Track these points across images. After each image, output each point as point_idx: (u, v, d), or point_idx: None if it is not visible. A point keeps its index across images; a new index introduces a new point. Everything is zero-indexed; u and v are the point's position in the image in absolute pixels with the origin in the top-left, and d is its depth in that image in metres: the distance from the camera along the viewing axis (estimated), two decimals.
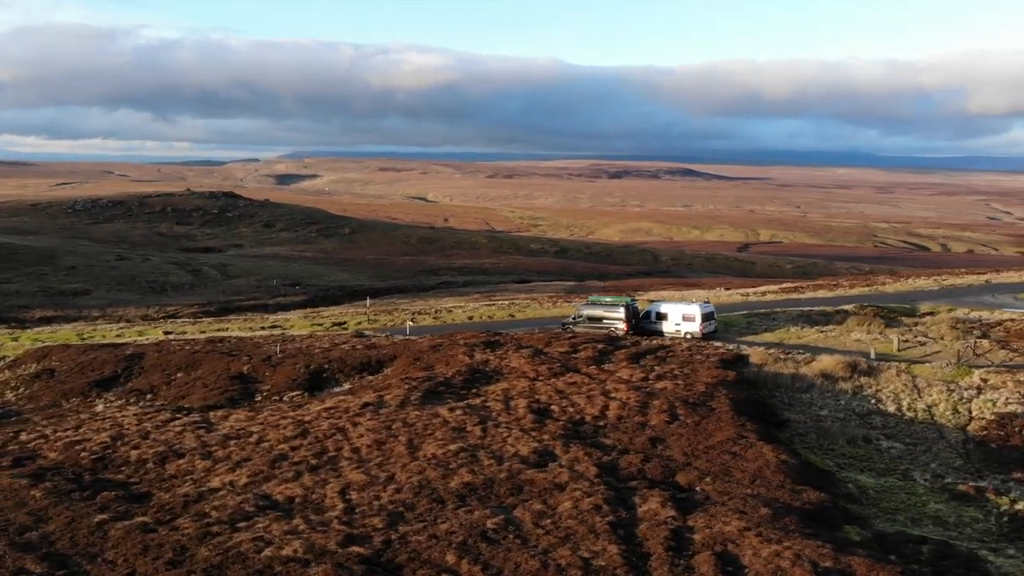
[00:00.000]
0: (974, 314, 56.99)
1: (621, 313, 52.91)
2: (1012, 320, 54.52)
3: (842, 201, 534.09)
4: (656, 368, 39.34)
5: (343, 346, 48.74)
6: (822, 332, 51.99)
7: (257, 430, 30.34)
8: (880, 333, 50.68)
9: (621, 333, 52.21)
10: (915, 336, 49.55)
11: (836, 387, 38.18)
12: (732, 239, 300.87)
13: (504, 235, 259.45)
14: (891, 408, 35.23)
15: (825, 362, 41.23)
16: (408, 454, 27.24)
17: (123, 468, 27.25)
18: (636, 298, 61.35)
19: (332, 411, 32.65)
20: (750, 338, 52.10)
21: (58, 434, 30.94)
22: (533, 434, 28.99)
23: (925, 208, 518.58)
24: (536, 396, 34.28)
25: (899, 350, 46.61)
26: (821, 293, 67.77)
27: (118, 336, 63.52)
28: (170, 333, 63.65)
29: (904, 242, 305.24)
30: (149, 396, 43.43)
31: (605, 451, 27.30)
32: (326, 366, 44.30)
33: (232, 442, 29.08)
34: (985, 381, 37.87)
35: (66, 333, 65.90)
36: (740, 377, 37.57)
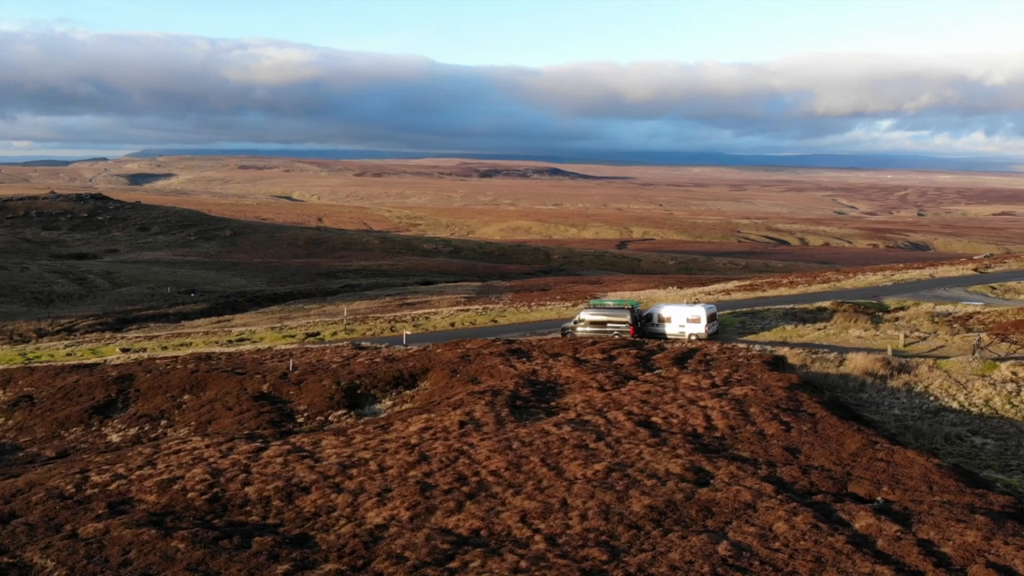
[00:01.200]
0: (940, 308, 60.11)
1: (627, 317, 52.77)
2: (979, 312, 57.86)
3: (701, 199, 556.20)
4: (713, 373, 39.26)
5: (360, 360, 46.36)
6: (820, 330, 53.51)
7: (368, 456, 28.19)
8: (876, 329, 52.69)
9: (627, 337, 52.08)
10: (912, 332, 51.74)
11: (887, 385, 39.20)
12: (608, 236, 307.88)
13: (396, 235, 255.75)
14: (954, 404, 36.46)
15: (860, 361, 42.34)
16: (556, 476, 25.94)
17: (248, 508, 24.69)
18: (640, 302, 61.39)
19: (430, 431, 30.74)
20: (751, 337, 53.01)
21: (137, 472, 27.74)
22: (664, 449, 28.23)
23: (778, 204, 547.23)
24: (625, 407, 33.48)
25: (905, 346, 48.55)
26: (782, 291, 69.85)
27: (68, 355, 58.30)
28: (128, 350, 58.91)
29: (765, 237, 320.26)
30: (164, 423, 39.97)
31: (754, 465, 26.85)
32: (357, 382, 41.99)
33: (353, 471, 26.88)
34: (1015, 374, 39.82)
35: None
36: (802, 380, 37.97)
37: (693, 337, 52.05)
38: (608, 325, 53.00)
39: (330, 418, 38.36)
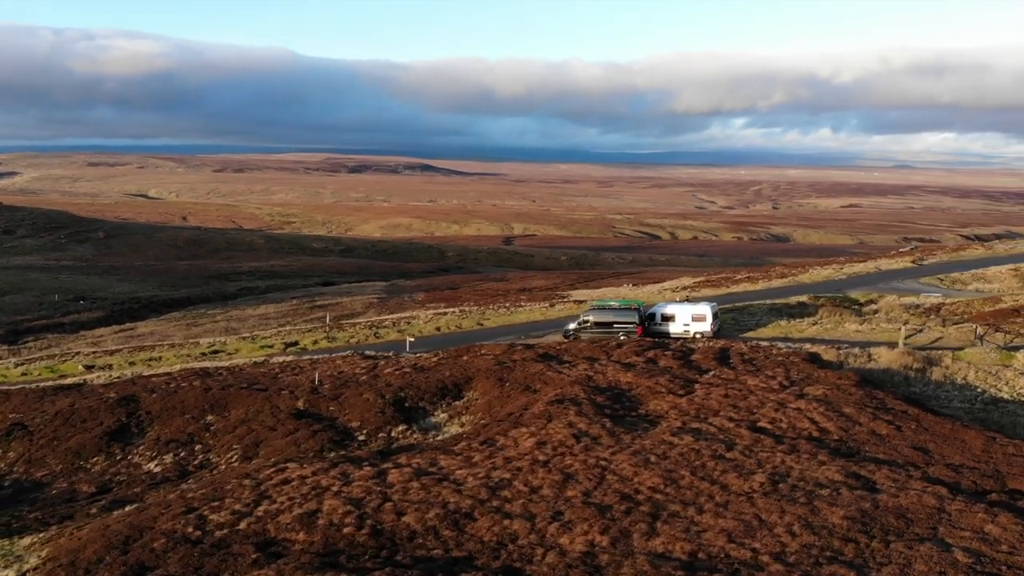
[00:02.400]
0: (906, 299, 62.88)
1: (634, 317, 52.53)
2: (944, 303, 60.97)
3: (572, 195, 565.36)
4: (768, 372, 39.48)
5: (386, 370, 44.14)
6: (815, 325, 54.91)
7: (508, 476, 26.62)
8: (870, 323, 54.57)
9: (635, 337, 51.87)
10: (899, 324, 53.82)
11: (928, 378, 40.53)
12: (490, 233, 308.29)
13: (283, 235, 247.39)
14: (1003, 394, 38.06)
15: (888, 356, 43.61)
16: (722, 490, 25.24)
17: (420, 540, 22.79)
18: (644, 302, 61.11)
19: (548, 446, 29.37)
20: (751, 334, 53.83)
21: (261, 508, 25.16)
22: (803, 456, 28.05)
23: (644, 200, 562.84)
24: (721, 413, 33.15)
25: (906, 339, 50.46)
26: (746, 286, 71.45)
27: (24, 375, 52.97)
28: (91, 367, 54.09)
29: (639, 231, 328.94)
30: (198, 447, 36.89)
31: (901, 467, 27.02)
32: (401, 394, 39.94)
33: (504, 493, 25.28)
34: None
35: None
36: (860, 377, 38.75)
37: (698, 335, 52.30)
38: (614, 326, 52.58)
39: (392, 434, 36.29)
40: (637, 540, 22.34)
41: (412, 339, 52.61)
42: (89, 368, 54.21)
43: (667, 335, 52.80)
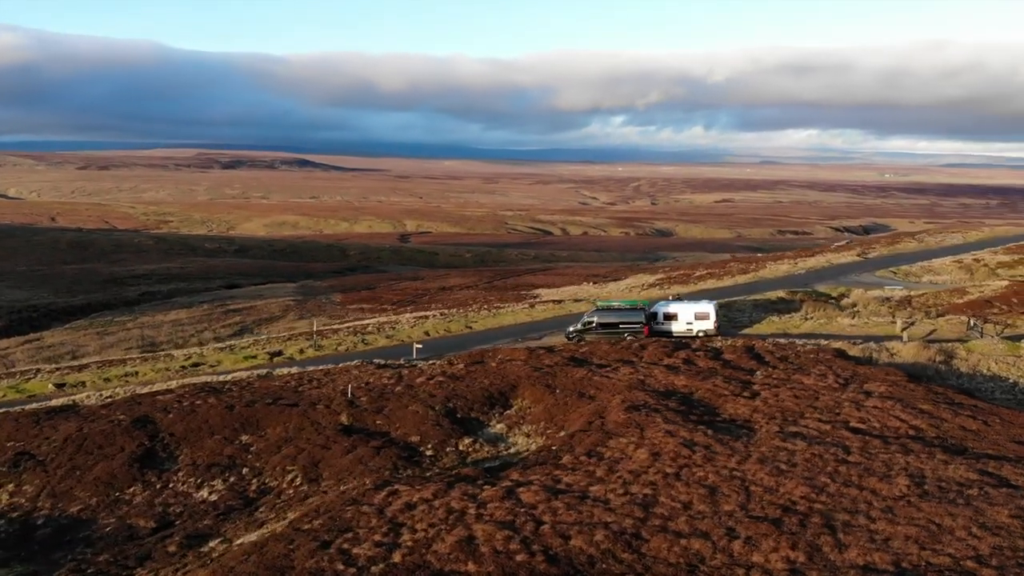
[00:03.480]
0: (873, 293, 65.33)
1: (641, 317, 52.36)
2: (911, 296, 63.60)
3: (458, 191, 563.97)
4: (814, 370, 39.89)
5: (418, 379, 42.22)
6: (807, 320, 56.12)
7: (649, 492, 25.63)
8: (864, 317, 56.20)
9: (642, 337, 51.73)
10: (896, 317, 55.73)
11: (958, 370, 42.00)
12: (382, 230, 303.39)
13: (172, 236, 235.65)
14: None
15: (910, 350, 44.97)
16: (873, 496, 24.99)
17: (601, 563, 21.53)
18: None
19: (665, 457, 28.55)
20: (748, 331, 54.52)
21: (407, 538, 23.29)
22: (922, 456, 28.21)
23: (529, 196, 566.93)
24: (808, 415, 33.16)
25: (902, 331, 52.22)
26: (712, 283, 72.48)
27: None
28: (62, 385, 49.61)
29: (531, 228, 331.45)
30: (246, 471, 34.37)
31: (1021, 463, 27.65)
32: (450, 405, 38.29)
33: (657, 510, 24.30)
34: None
35: None
36: (905, 373, 39.63)
37: (701, 334, 52.59)
38: (620, 326, 52.25)
39: (460, 448, 34.67)
40: (831, 554, 21.83)
41: (419, 345, 50.68)
42: (60, 387, 49.65)
43: (669, 334, 52.83)
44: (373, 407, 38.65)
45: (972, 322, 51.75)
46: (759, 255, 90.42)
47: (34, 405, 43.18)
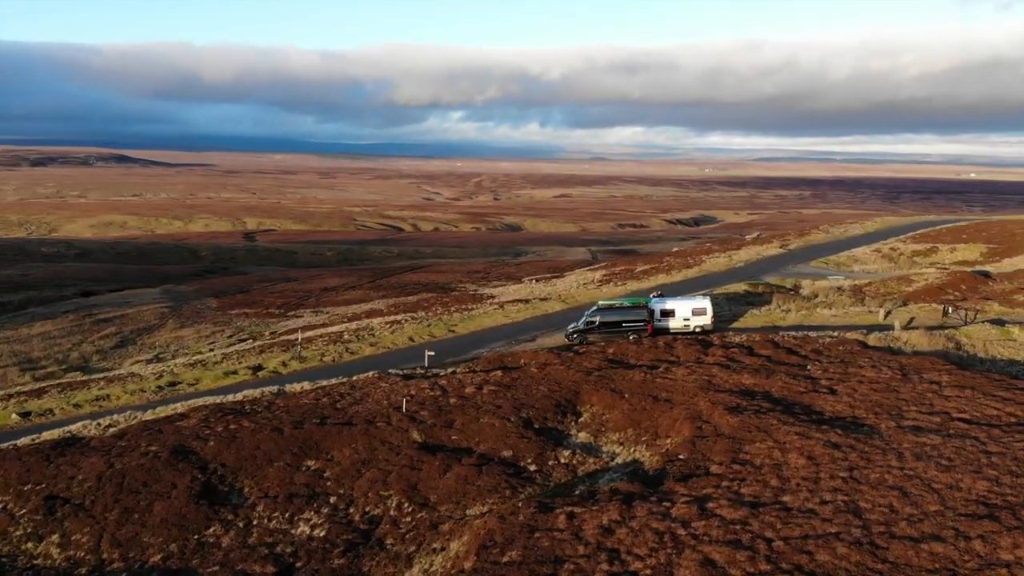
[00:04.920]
0: (820, 283, 68.07)
1: (644, 315, 52.02)
2: (858, 284, 66.80)
3: (294, 187, 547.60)
4: (861, 362, 40.80)
5: (467, 390, 39.90)
6: (788, 312, 57.51)
7: (847, 499, 25.17)
8: (847, 307, 58.15)
9: (646, 335, 51.52)
10: (867, 307, 58.11)
11: (977, 356, 44.14)
12: (221, 228, 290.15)
13: (5, 241, 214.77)
14: None
15: (920, 338, 46.89)
16: None
17: (909, 570, 20.97)
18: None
19: (822, 463, 28.17)
20: (738, 325, 55.27)
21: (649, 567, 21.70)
22: None
23: (371, 192, 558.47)
24: (903, 408, 33.73)
25: (884, 320, 54.60)
26: (663, 278, 73.19)
27: None
28: (27, 414, 43.62)
29: (382, 224, 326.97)
30: (334, 499, 31.34)
31: None
32: (523, 415, 36.43)
33: (873, 516, 23.89)
34: None
35: None
36: (946, 361, 41.25)
37: (698, 329, 52.87)
38: (623, 325, 51.70)
39: (562, 460, 32.94)
40: None
41: (431, 353, 48.05)
42: (25, 416, 43.55)
43: (667, 331, 52.76)
44: (441, 422, 36.16)
45: (949, 309, 54.74)
46: (693, 249, 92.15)
47: (25, 440, 37.48)
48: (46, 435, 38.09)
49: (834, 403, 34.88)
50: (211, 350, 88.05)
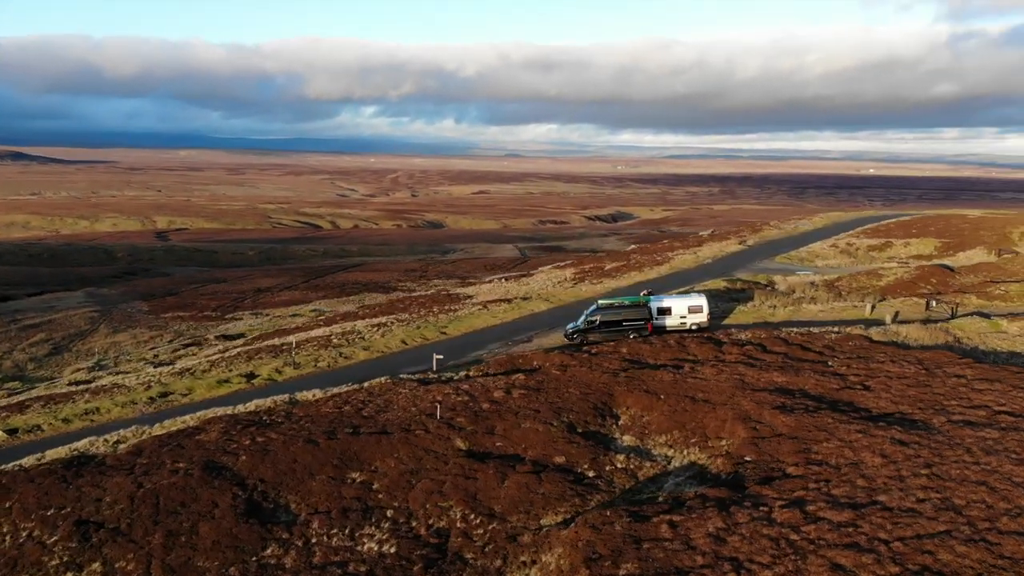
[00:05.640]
0: (791, 279, 69.34)
1: (645, 314, 51.89)
2: (829, 280, 68.29)
3: (201, 183, 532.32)
4: (880, 357, 41.42)
5: (495, 394, 38.93)
6: (775, 308, 58.21)
7: (942, 496, 25.32)
8: (831, 303, 59.18)
9: (646, 334, 51.45)
10: (850, 302, 59.28)
11: (976, 348, 45.45)
12: (130, 228, 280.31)
13: None
14: None
15: (918, 332, 48.00)
16: None
17: None
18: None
19: (899, 461, 28.35)
20: (728, 322, 55.73)
21: None
22: None
23: (282, 188, 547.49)
24: (946, 403, 34.30)
25: (870, 314, 55.80)
26: (636, 275, 73.18)
27: None
28: (14, 431, 40.60)
29: (298, 221, 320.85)
30: (391, 512, 30.05)
31: None
32: (565, 419, 35.72)
33: (973, 512, 24.08)
34: (1014, 325, 49.15)
35: None
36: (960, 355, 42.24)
37: (694, 327, 53.06)
38: (624, 324, 51.46)
39: (619, 465, 32.28)
40: None
41: (440, 356, 46.78)
42: (12, 433, 40.48)
43: (663, 329, 52.81)
44: (481, 428, 35.12)
45: (932, 303, 56.27)
46: (658, 245, 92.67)
47: (30, 459, 34.74)
48: (51, 454, 35.42)
49: (874, 399, 35.24)
50: (156, 356, 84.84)
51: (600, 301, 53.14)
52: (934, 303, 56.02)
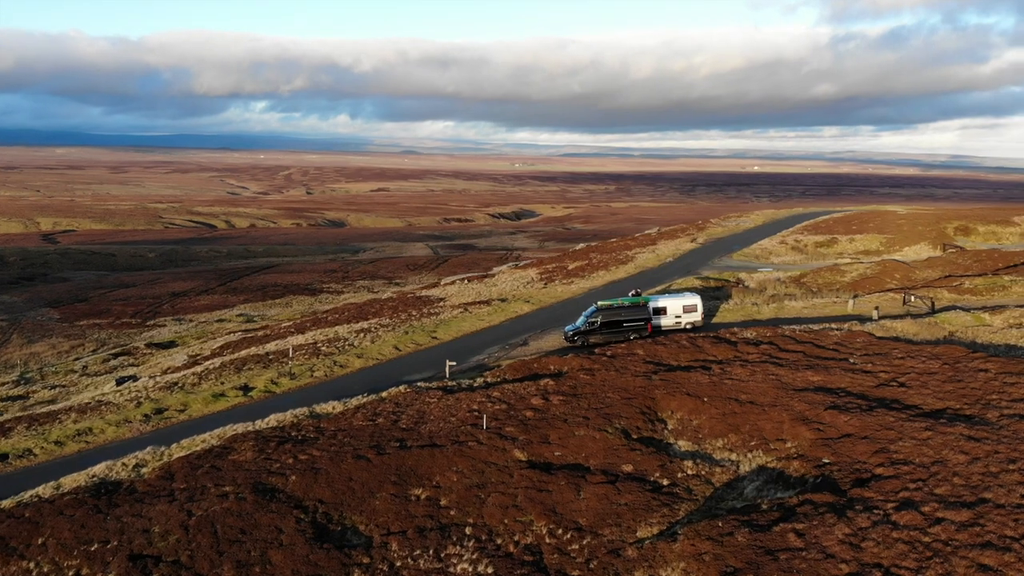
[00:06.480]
0: (756, 275, 70.53)
1: (646, 314, 51.69)
2: (792, 275, 69.83)
3: (83, 182, 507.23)
4: (895, 352, 42.33)
5: (535, 401, 37.84)
6: (757, 306, 58.92)
7: None
8: (814, 299, 60.22)
9: (646, 333, 51.33)
10: (832, 299, 60.49)
11: (974, 341, 46.97)
12: (12, 230, 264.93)
13: None
14: None
15: (910, 327, 49.41)
16: None
17: None
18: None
19: (982, 457, 28.79)
20: (714, 321, 56.16)
21: None
22: None
23: (169, 186, 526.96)
24: (988, 398, 35.15)
25: (852, 310, 57.10)
26: (606, 276, 72.79)
27: None
28: (5, 457, 37.08)
29: (191, 221, 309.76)
30: (469, 530, 28.85)
31: None
32: (618, 425, 35.00)
33: None
34: (1007, 320, 51.07)
35: None
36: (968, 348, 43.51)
37: (689, 326, 53.29)
38: (625, 324, 51.13)
39: (690, 471, 31.77)
40: None
41: (453, 363, 45.27)
42: (2, 459, 36.80)
43: (659, 328, 52.78)
44: (535, 438, 34.03)
45: (911, 298, 58.01)
46: (612, 243, 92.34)
47: (46, 488, 31.60)
48: (68, 481, 32.31)
49: (919, 397, 35.84)
50: (85, 367, 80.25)
51: (599, 302, 52.55)
52: (912, 298, 57.75)
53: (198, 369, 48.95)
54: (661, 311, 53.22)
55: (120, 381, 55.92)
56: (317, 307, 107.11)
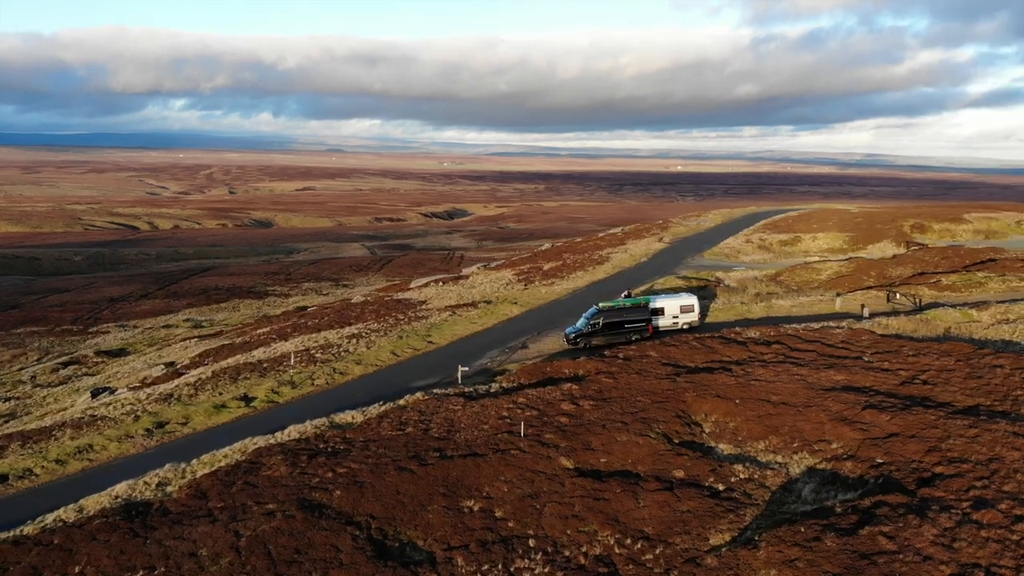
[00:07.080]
0: (733, 274, 71.20)
1: (647, 315, 51.55)
2: (769, 274, 70.68)
3: None
4: (905, 350, 42.90)
5: (564, 407, 37.17)
6: (745, 305, 59.38)
7: None
8: (801, 297, 60.82)
9: (647, 334, 51.22)
10: (818, 298, 61.22)
11: (971, 336, 48.00)
12: None
13: None
14: None
15: (904, 324, 50.30)
16: None
17: None
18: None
19: None
20: (709, 320, 56.42)
21: None
22: None
23: (86, 187, 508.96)
24: (1015, 394, 35.87)
25: (840, 308, 57.92)
26: (584, 276, 72.29)
27: None
28: (5, 478, 34.70)
29: (112, 223, 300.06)
30: (533, 543, 28.20)
31: None
32: (658, 429, 34.60)
33: None
34: (995, 316, 52.41)
35: None
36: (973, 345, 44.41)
37: (686, 326, 53.38)
38: (626, 326, 50.86)
39: (743, 476, 31.48)
40: None
41: (465, 368, 44.23)
42: (2, 480, 34.32)
43: (657, 329, 52.72)
44: (577, 444, 33.39)
45: (897, 295, 59.10)
46: (579, 243, 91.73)
47: (68, 512, 29.58)
48: (90, 504, 30.25)
49: (946, 394, 36.36)
50: (33, 377, 77.11)
51: (600, 304, 52.13)
52: (897, 296, 58.89)
53: (189, 379, 46.71)
54: (659, 312, 53.12)
55: (95, 393, 53.15)
56: (266, 310, 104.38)
